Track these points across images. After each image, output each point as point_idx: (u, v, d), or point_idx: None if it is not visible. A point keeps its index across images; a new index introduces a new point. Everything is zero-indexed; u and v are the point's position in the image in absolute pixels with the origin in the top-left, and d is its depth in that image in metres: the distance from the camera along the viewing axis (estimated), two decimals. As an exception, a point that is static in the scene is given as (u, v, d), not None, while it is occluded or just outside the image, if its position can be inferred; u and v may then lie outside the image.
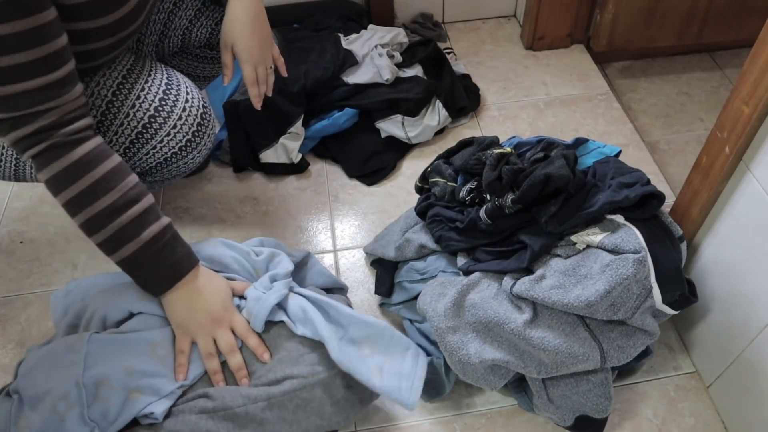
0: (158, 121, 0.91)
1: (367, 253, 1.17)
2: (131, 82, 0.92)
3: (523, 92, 1.54)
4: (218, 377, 0.81)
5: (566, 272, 0.88)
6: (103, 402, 0.76)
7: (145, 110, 0.90)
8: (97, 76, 0.91)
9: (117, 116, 0.90)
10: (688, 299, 0.91)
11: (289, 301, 0.86)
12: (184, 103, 0.93)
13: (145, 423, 0.78)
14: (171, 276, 0.82)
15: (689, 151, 1.42)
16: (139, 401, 0.77)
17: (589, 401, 0.89)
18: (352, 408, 0.85)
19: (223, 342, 0.82)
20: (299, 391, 0.80)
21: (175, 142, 0.94)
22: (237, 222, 1.28)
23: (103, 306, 0.86)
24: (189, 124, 0.94)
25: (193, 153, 0.97)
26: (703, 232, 0.96)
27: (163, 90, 0.92)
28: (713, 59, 1.65)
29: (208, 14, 1.06)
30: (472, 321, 0.90)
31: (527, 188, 0.89)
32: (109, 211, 0.77)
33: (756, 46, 0.77)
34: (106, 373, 0.77)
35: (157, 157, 0.94)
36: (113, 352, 0.80)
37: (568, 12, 1.56)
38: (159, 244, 0.80)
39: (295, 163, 1.34)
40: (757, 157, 0.82)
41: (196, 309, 0.82)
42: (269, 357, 0.82)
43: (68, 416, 0.75)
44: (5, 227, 1.30)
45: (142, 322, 0.85)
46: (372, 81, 1.37)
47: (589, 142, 1.07)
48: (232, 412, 0.78)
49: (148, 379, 0.79)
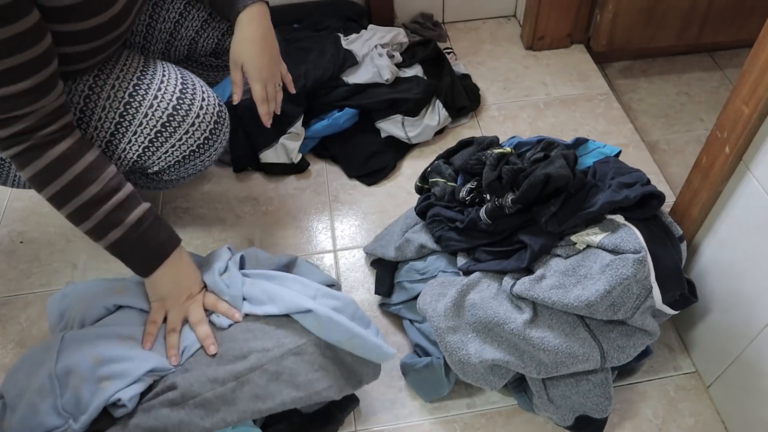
0: (177, 120, 0.92)
1: (367, 253, 1.17)
2: (147, 83, 0.92)
3: (523, 92, 1.54)
4: (173, 351, 0.84)
5: (566, 272, 0.88)
6: (73, 390, 0.76)
7: (163, 109, 0.91)
8: (111, 79, 0.91)
9: (135, 116, 0.91)
10: (688, 299, 0.91)
11: (248, 289, 0.88)
12: (201, 101, 0.94)
13: (118, 414, 0.78)
14: (157, 255, 0.86)
15: (689, 151, 1.42)
16: (108, 390, 0.77)
17: (589, 401, 0.89)
18: (335, 379, 0.84)
19: (194, 314, 0.87)
20: (267, 364, 0.81)
21: (194, 140, 0.95)
22: (237, 222, 1.29)
23: (82, 308, 0.87)
24: (207, 122, 0.95)
25: (209, 151, 0.98)
26: (703, 232, 0.96)
27: (180, 90, 0.93)
28: (713, 59, 1.65)
29: (215, 25, 1.06)
30: (472, 321, 0.90)
31: (527, 188, 0.89)
32: (94, 201, 0.81)
33: (756, 46, 0.77)
34: (75, 363, 0.78)
35: (176, 155, 0.96)
36: (84, 344, 0.81)
37: (568, 12, 1.56)
38: (143, 226, 0.84)
39: (295, 163, 1.34)
40: (757, 157, 0.82)
41: (179, 285, 0.87)
42: (240, 316, 0.86)
43: (42, 407, 0.75)
44: (5, 227, 1.30)
45: (117, 318, 0.87)
46: (372, 81, 1.37)
47: (589, 142, 1.07)
48: (202, 398, 0.78)
49: (116, 364, 0.79)
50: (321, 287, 0.89)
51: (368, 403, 1.00)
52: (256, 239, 1.25)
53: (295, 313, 0.84)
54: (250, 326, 0.85)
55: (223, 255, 0.93)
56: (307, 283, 0.90)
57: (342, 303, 0.88)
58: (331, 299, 0.88)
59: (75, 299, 0.90)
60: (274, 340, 0.83)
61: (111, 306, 0.88)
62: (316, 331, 0.83)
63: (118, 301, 0.88)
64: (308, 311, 0.83)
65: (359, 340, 0.84)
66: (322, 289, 0.89)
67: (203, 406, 0.78)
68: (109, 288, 0.90)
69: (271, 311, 0.85)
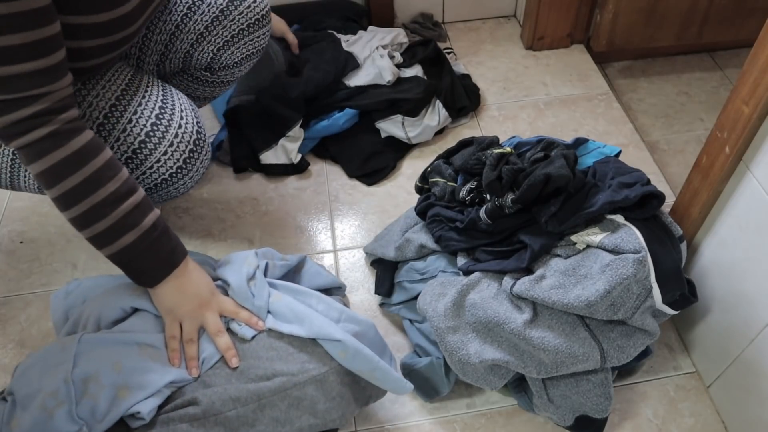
0: (149, 147, 0.90)
1: (367, 253, 1.17)
2: (128, 99, 0.90)
3: (523, 92, 1.54)
4: (193, 363, 0.82)
5: (566, 272, 0.88)
6: (91, 398, 0.75)
7: (136, 135, 0.89)
8: (98, 87, 0.89)
9: (112, 133, 0.89)
10: (688, 299, 0.91)
11: (275, 303, 0.86)
12: (177, 129, 0.91)
13: (135, 425, 0.78)
14: (167, 264, 0.83)
15: (689, 151, 1.42)
16: (126, 400, 0.76)
17: (589, 401, 0.89)
18: (347, 406, 0.85)
19: (211, 324, 0.83)
20: (290, 389, 0.80)
21: (165, 168, 0.92)
22: (237, 222, 1.29)
23: (97, 308, 0.86)
24: (180, 151, 0.92)
25: (184, 179, 0.95)
26: (703, 232, 0.96)
27: (156, 114, 0.90)
28: (713, 59, 1.65)
29: (210, 39, 1.05)
30: (472, 321, 0.90)
31: (527, 188, 0.89)
32: (113, 199, 0.76)
33: (756, 46, 0.77)
34: (94, 370, 0.77)
35: (148, 182, 0.93)
36: (103, 350, 0.80)
37: (568, 12, 1.56)
38: (157, 231, 0.80)
39: (295, 163, 1.34)
40: (757, 157, 0.82)
41: (186, 295, 0.83)
42: (263, 324, 0.84)
43: (56, 413, 0.74)
44: (5, 227, 1.30)
45: (135, 324, 0.85)
46: (373, 82, 1.37)
47: (589, 142, 1.07)
48: (223, 416, 0.78)
49: (137, 375, 0.78)
50: (345, 309, 0.88)
51: (368, 403, 1.00)
52: (256, 239, 1.25)
53: (322, 340, 0.83)
54: (274, 344, 0.83)
55: (251, 260, 0.90)
56: (331, 303, 0.88)
57: (363, 328, 0.87)
58: (354, 324, 0.87)
59: (80, 296, 0.90)
60: (299, 364, 0.82)
61: (128, 308, 0.86)
62: (341, 359, 0.82)
63: (135, 304, 0.86)
64: (337, 341, 0.82)
65: (381, 372, 0.83)
66: (346, 312, 0.88)
67: (223, 425, 0.78)
68: (122, 287, 0.87)
69: (297, 332, 0.83)
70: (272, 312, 0.86)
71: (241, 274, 0.87)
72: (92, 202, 0.75)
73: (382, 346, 0.90)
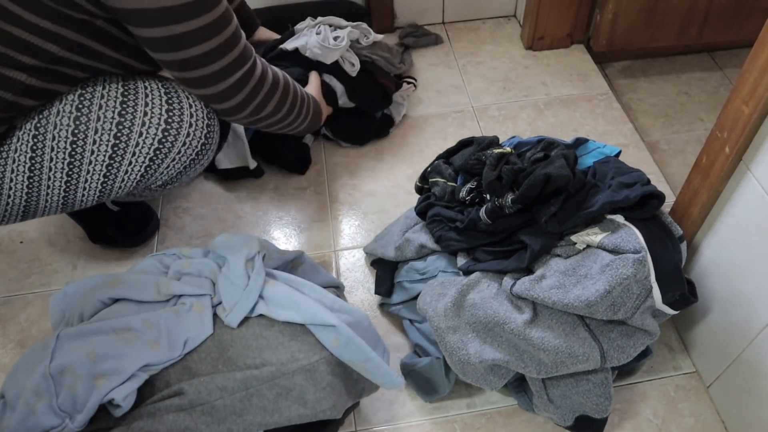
0: (169, 142, 0.92)
1: (367, 253, 1.17)
2: (131, 112, 0.90)
3: (523, 92, 1.54)
4: None
5: (566, 272, 0.88)
6: (69, 390, 0.76)
7: (153, 135, 0.90)
8: (94, 106, 0.89)
9: (126, 150, 0.90)
10: (688, 299, 0.91)
11: (270, 289, 0.86)
12: (188, 128, 0.93)
13: (118, 414, 0.77)
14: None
15: (689, 151, 1.42)
16: (102, 387, 0.76)
17: (589, 401, 0.89)
18: (339, 397, 0.84)
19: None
20: (279, 379, 0.80)
21: (181, 163, 0.95)
22: (237, 222, 1.28)
23: (79, 305, 0.87)
24: (196, 141, 0.95)
25: (196, 166, 0.98)
26: (703, 232, 0.96)
27: (165, 119, 0.91)
28: (713, 59, 1.65)
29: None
30: (472, 321, 0.90)
31: (527, 188, 0.89)
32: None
33: (756, 46, 0.77)
34: (69, 362, 0.78)
35: (164, 178, 0.96)
36: (78, 341, 0.81)
37: (568, 12, 1.56)
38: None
39: (251, 168, 1.31)
40: (757, 157, 0.82)
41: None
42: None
43: (38, 408, 0.75)
44: (5, 227, 1.30)
45: (113, 310, 0.86)
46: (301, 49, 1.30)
47: (589, 142, 1.07)
48: (210, 405, 0.77)
49: (110, 362, 0.78)
50: (337, 299, 0.88)
51: (368, 403, 1.00)
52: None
53: (315, 325, 0.83)
54: (264, 333, 0.83)
55: (253, 243, 0.91)
56: (323, 293, 0.88)
57: (356, 318, 0.87)
58: (346, 314, 0.87)
59: (76, 297, 0.90)
60: (288, 353, 0.82)
61: (106, 299, 0.87)
62: (332, 348, 0.82)
63: (113, 294, 0.87)
64: (331, 326, 0.82)
65: (373, 365, 0.83)
66: (338, 302, 0.88)
67: (210, 414, 0.77)
68: (101, 282, 0.89)
69: (292, 318, 0.83)
70: (266, 298, 0.85)
71: (240, 255, 0.88)
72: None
73: (376, 338, 0.90)
